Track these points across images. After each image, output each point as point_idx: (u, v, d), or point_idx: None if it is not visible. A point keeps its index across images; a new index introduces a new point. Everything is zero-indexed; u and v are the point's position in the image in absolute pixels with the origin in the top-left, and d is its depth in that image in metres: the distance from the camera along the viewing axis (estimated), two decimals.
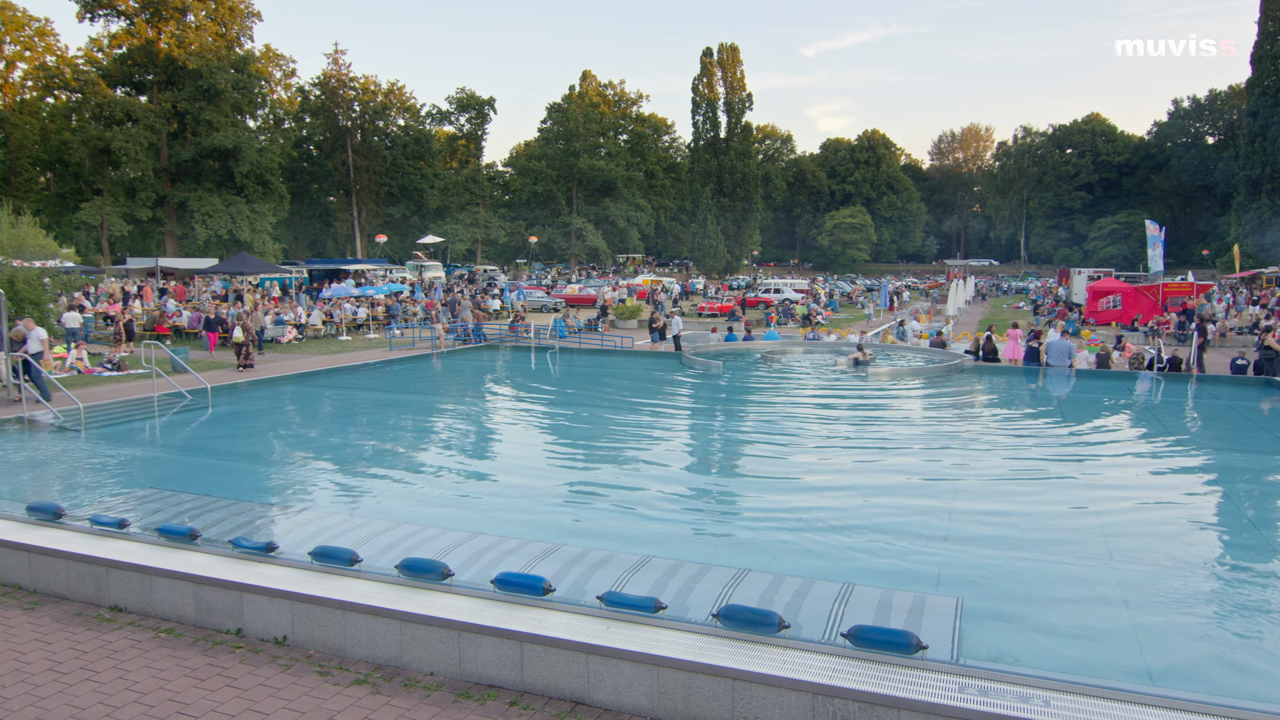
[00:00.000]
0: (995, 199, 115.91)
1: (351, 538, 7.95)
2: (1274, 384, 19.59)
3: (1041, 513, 10.16)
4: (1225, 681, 5.93)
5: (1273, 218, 61.82)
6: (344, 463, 12.55)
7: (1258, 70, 65.06)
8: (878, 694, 5.07)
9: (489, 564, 7.13)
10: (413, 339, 29.28)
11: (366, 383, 20.93)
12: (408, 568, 6.71)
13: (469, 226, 79.27)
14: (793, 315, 44.20)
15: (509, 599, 6.34)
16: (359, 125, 76.27)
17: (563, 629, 5.91)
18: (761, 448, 14.29)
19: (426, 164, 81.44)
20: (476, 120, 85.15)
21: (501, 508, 10.20)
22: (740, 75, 76.33)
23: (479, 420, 17.01)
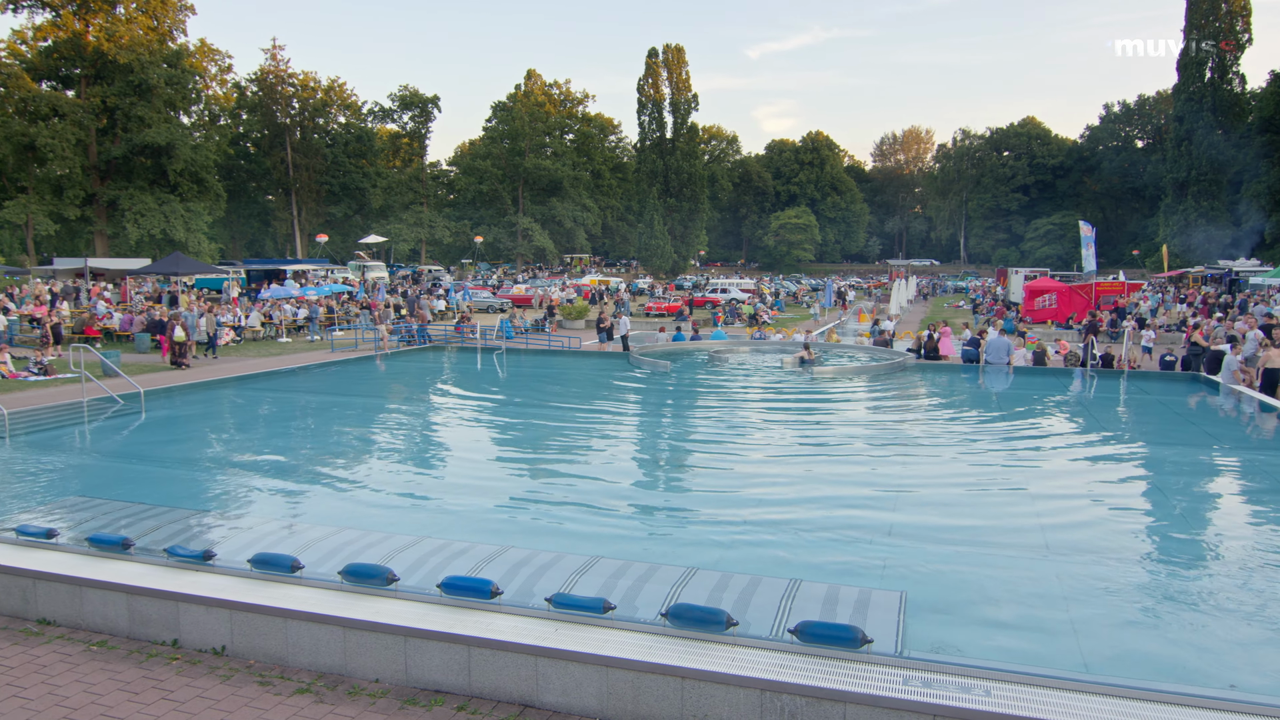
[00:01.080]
0: (936, 200, 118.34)
1: (293, 544, 7.78)
2: (1200, 379, 20.34)
3: (982, 507, 10.40)
4: (1157, 667, 6.13)
5: (1198, 219, 64.26)
6: (285, 468, 12.27)
7: (1183, 76, 67.55)
8: (824, 688, 5.13)
9: (435, 568, 7.04)
10: (355, 340, 28.78)
11: (308, 385, 20.51)
12: (351, 573, 6.59)
13: (413, 226, 78.26)
14: (739, 315, 44.55)
15: (456, 603, 6.26)
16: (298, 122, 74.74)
17: (511, 632, 5.86)
18: (709, 447, 14.37)
19: (369, 162, 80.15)
20: (420, 118, 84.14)
21: (448, 511, 10.08)
22: (686, 76, 76.66)
23: (424, 422, 16.79)
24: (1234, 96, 66.63)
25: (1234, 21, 65.40)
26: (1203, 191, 65.65)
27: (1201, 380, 20.22)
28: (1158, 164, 73.53)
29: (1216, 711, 4.88)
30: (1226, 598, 7.41)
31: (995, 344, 22.84)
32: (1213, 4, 65.31)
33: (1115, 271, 61.42)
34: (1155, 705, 4.93)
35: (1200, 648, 6.47)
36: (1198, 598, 7.48)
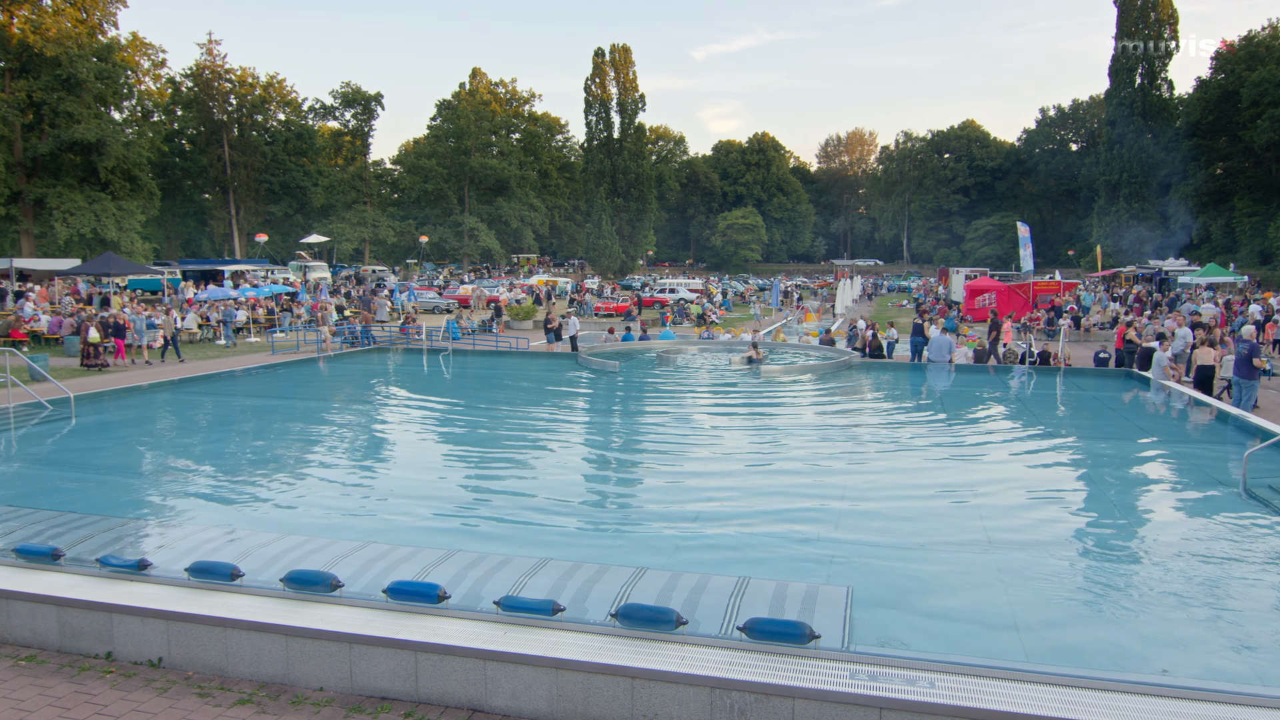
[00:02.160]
0: (879, 201, 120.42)
1: (232, 551, 7.58)
2: (1133, 375, 21.01)
3: (926, 502, 10.58)
4: (1094, 654, 6.30)
5: (1129, 220, 66.40)
6: (224, 473, 11.96)
7: (1115, 82, 69.78)
8: (773, 684, 5.17)
9: (381, 573, 6.92)
10: (297, 342, 28.20)
11: (247, 389, 20.03)
12: (294, 580, 6.45)
13: (356, 225, 77.00)
14: (688, 315, 44.75)
15: (402, 608, 6.17)
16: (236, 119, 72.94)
17: (459, 636, 5.79)
18: (658, 446, 14.39)
19: (310, 160, 78.59)
20: (363, 116, 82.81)
21: (394, 515, 9.92)
22: (633, 76, 76.73)
23: (369, 426, 16.50)
24: (1162, 101, 69.04)
25: (1162, 29, 67.75)
26: (1133, 193, 67.87)
27: (1134, 376, 20.90)
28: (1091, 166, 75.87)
29: (1150, 696, 5.04)
30: (1159, 586, 7.65)
31: (938, 342, 23.35)
32: (1142, 11, 67.56)
33: (1051, 271, 63.17)
34: (1092, 692, 5.07)
35: (1135, 635, 6.67)
36: (1131, 587, 7.72)
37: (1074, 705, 4.91)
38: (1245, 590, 7.53)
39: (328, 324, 29.95)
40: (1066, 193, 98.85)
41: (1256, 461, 11.06)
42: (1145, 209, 67.61)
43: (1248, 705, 4.92)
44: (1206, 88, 70.31)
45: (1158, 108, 68.52)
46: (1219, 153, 70.30)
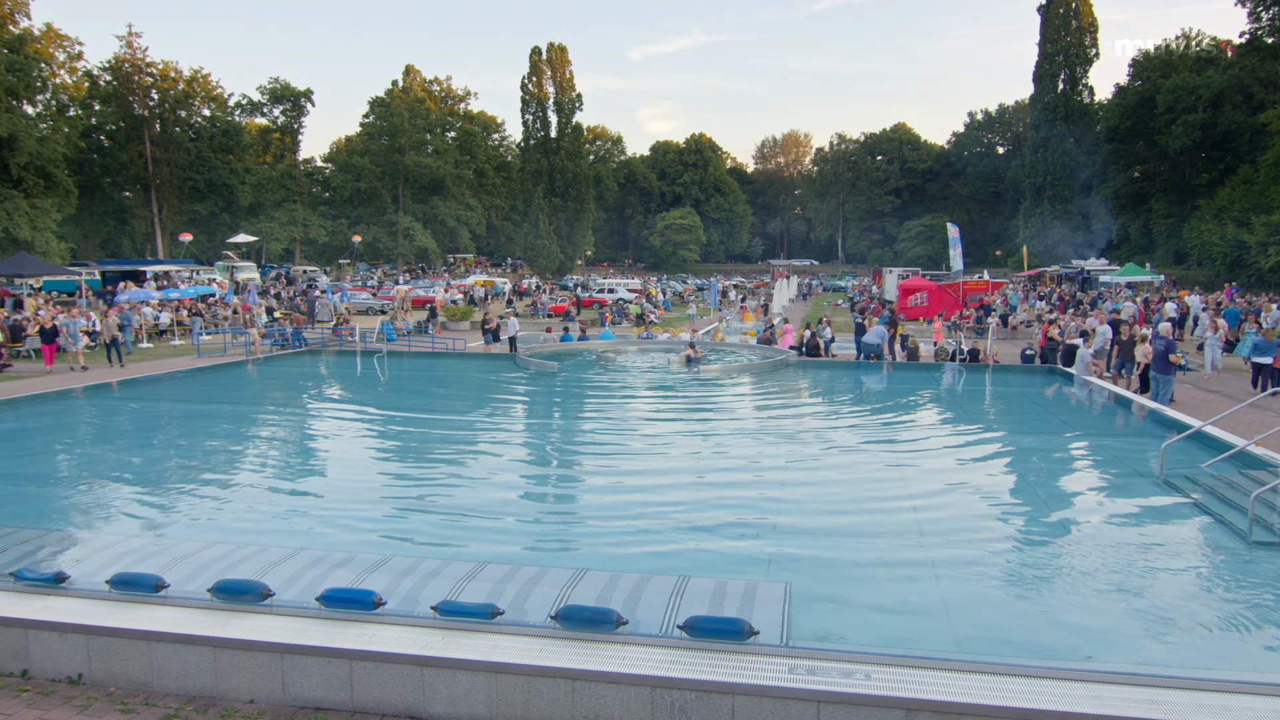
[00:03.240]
0: (815, 202, 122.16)
1: (157, 562, 7.31)
2: (1057, 371, 21.74)
3: (861, 498, 10.78)
4: (1022, 643, 6.49)
5: (1053, 221, 68.66)
6: (148, 481, 11.55)
7: (1039, 87, 72.10)
8: (713, 681, 5.20)
9: (314, 580, 6.75)
10: (224, 345, 27.40)
11: (171, 393, 19.38)
12: (222, 590, 6.25)
13: (285, 225, 75.09)
14: (626, 315, 44.79)
15: (336, 616, 6.04)
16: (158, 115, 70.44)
17: (395, 643, 5.69)
18: (598, 446, 14.37)
19: (236, 158, 76.38)
20: (292, 113, 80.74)
21: (327, 521, 9.69)
22: (569, 75, 76.44)
23: (301, 430, 16.11)
24: (1083, 107, 71.59)
25: (1083, 37, 70.23)
26: (1057, 195, 70.23)
27: (1058, 372, 21.62)
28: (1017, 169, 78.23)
29: (1075, 682, 5.21)
30: (1083, 575, 7.91)
31: (875, 332, 24.37)
32: (1064, 20, 69.93)
33: (980, 271, 64.93)
34: (1020, 679, 5.22)
35: (1061, 622, 6.89)
36: (1058, 576, 7.97)
37: (1003, 693, 5.04)
38: (1163, 577, 7.84)
39: (256, 326, 29.15)
40: (994, 194, 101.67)
41: (1173, 453, 11.52)
42: (1068, 210, 70.01)
43: (1168, 687, 5.11)
44: (1125, 94, 73.11)
45: (1079, 113, 71.03)
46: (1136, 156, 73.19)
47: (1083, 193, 70.83)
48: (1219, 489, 10.21)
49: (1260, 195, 51.55)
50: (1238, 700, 4.97)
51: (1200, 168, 66.29)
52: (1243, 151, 61.17)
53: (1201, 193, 63.19)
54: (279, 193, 79.51)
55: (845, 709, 5.06)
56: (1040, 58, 71.62)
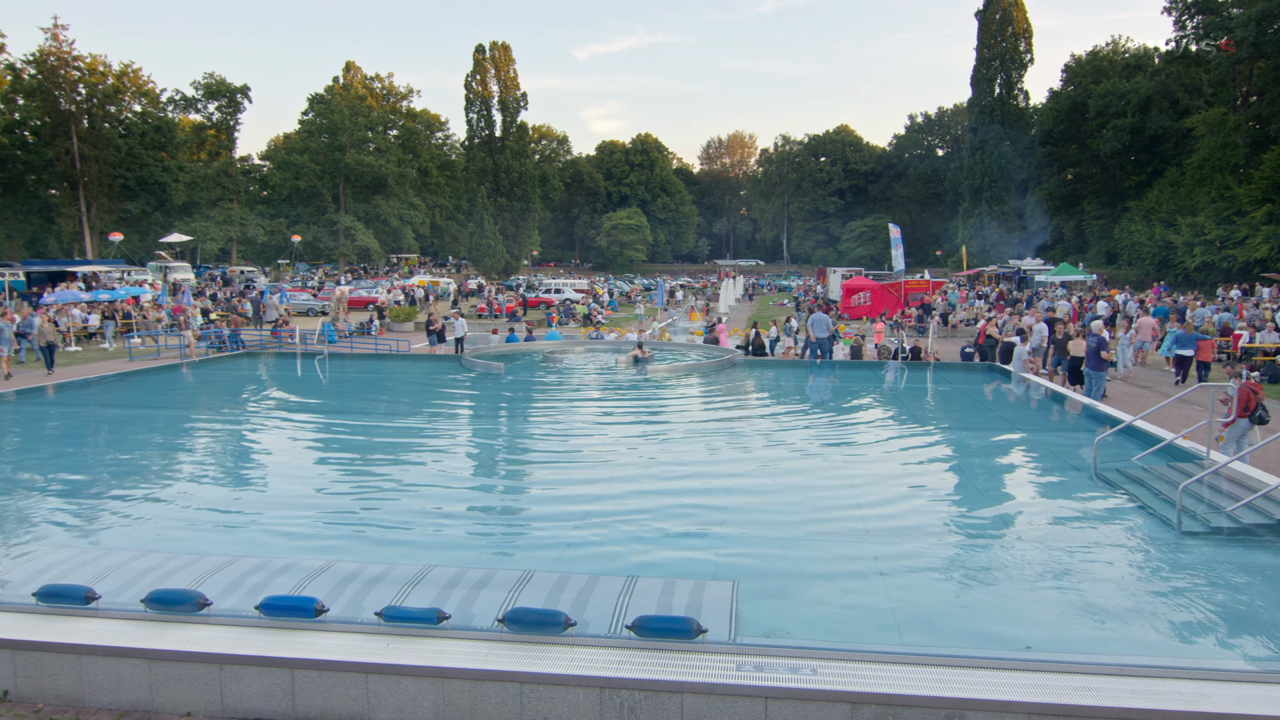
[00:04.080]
0: (760, 202, 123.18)
1: (87, 573, 7.05)
2: (995, 369, 22.27)
3: (807, 495, 10.90)
4: (963, 634, 6.63)
5: (991, 222, 70.32)
6: (77, 489, 11.14)
7: (976, 91, 73.80)
8: (661, 680, 5.20)
9: (253, 588, 6.59)
10: (157, 348, 26.60)
11: (101, 398, 18.74)
12: (156, 600, 6.06)
13: (221, 224, 73.10)
14: (574, 315, 44.67)
15: (277, 624, 5.90)
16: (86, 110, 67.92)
17: (338, 650, 5.58)
18: (545, 448, 14.30)
19: (169, 155, 74.01)
20: (228, 109, 78.62)
21: (267, 528, 9.46)
22: (514, 74, 75.87)
23: (239, 434, 15.70)
24: (1019, 110, 73.47)
25: (1018, 42, 72.08)
26: (994, 197, 71.94)
27: (996, 370, 22.16)
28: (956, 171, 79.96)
29: (1014, 672, 5.33)
30: (1021, 567, 8.12)
31: (817, 320, 24.87)
32: (1000, 26, 71.70)
33: (921, 270, 66.23)
34: (961, 670, 5.32)
35: (1001, 613, 7.05)
36: (997, 569, 8.16)
37: (945, 684, 5.14)
38: (1097, 567, 8.08)
39: (191, 328, 28.35)
40: (934, 195, 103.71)
41: (1105, 447, 11.89)
42: (1005, 211, 71.76)
43: (1102, 674, 5.26)
44: (1058, 98, 75.27)
45: (1015, 116, 72.87)
46: (1069, 159, 75.41)
47: (1019, 194, 72.69)
48: (1149, 481, 10.56)
49: (1186, 197, 53.51)
50: (1166, 685, 5.14)
51: (1130, 170, 68.56)
52: (1169, 155, 63.46)
53: (1131, 195, 65.36)
54: (215, 191, 77.39)
55: (792, 704, 5.11)
56: (977, 62, 73.36)
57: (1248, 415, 11.90)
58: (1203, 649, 6.48)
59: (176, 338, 27.06)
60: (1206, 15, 53.13)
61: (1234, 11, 49.30)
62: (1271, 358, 22.60)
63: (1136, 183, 66.32)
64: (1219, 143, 52.87)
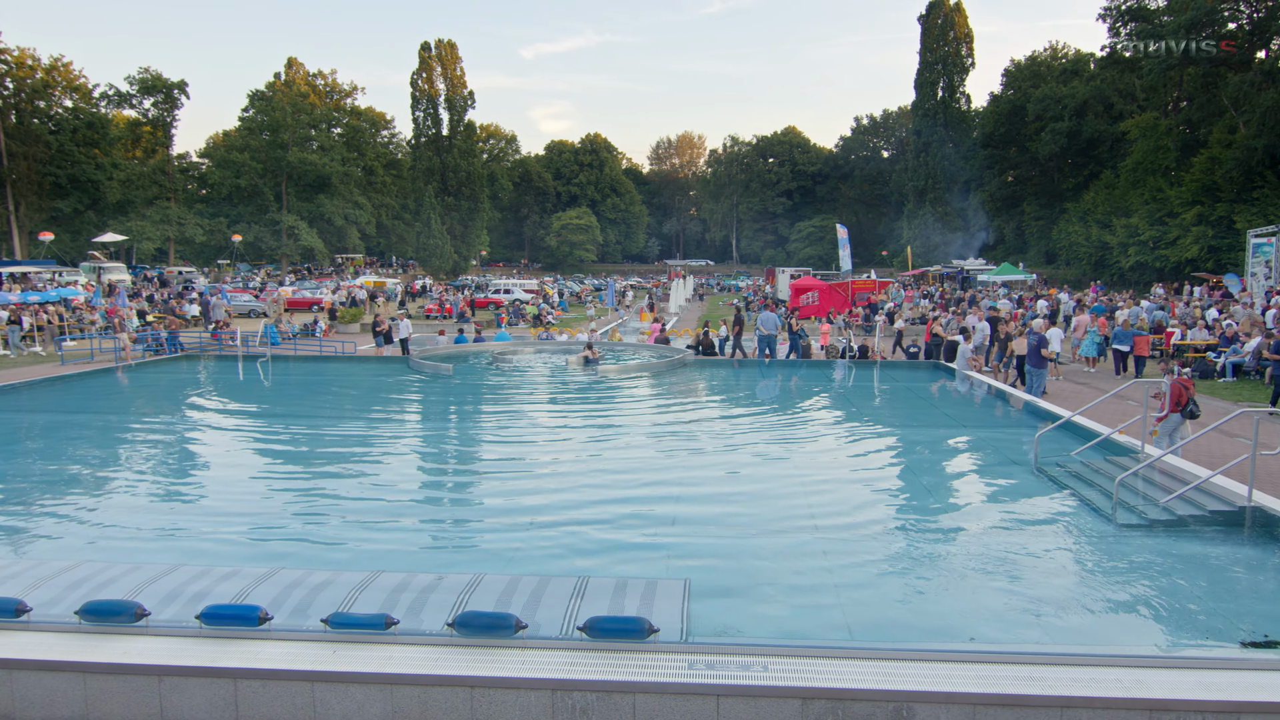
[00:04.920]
0: (709, 203, 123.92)
1: (18, 584, 6.79)
2: (940, 367, 22.71)
3: (758, 493, 10.98)
4: (911, 628, 6.74)
5: (935, 223, 71.72)
6: (6, 498, 10.72)
7: (920, 94, 75.24)
8: (613, 681, 5.19)
9: (194, 598, 6.40)
10: (90, 350, 25.76)
11: (32, 403, 18.09)
12: (92, 612, 5.86)
13: (158, 223, 71.04)
14: (523, 316, 44.41)
15: (219, 633, 5.74)
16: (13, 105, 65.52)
17: (283, 659, 5.45)
18: (494, 450, 14.18)
19: (103, 152, 71.71)
20: (164, 105, 76.36)
21: (207, 536, 9.21)
22: (460, 72, 75.15)
23: (178, 440, 15.28)
24: (961, 113, 75.10)
25: (960, 47, 73.66)
26: (938, 198, 73.41)
27: (940, 368, 22.60)
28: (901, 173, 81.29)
29: (960, 663, 5.43)
30: (967, 561, 8.27)
31: (766, 318, 25.21)
32: (942, 30, 73.20)
33: (868, 270, 67.25)
34: (908, 663, 5.41)
35: (946, 606, 7.18)
36: (943, 562, 8.31)
37: (893, 677, 5.22)
38: (1038, 559, 8.28)
39: (127, 330, 27.52)
40: (880, 197, 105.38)
41: (1045, 443, 12.19)
42: (948, 213, 73.27)
43: (1044, 664, 5.39)
44: (998, 102, 77.00)
45: (957, 119, 74.46)
46: (1010, 162, 77.25)
47: (961, 195, 74.26)
48: (1087, 475, 10.86)
49: (1120, 199, 55.17)
50: (1106, 673, 5.28)
51: (1067, 173, 70.44)
52: (1105, 158, 65.35)
53: (1069, 196, 67.17)
54: (151, 189, 75.13)
55: (744, 701, 5.14)
56: (921, 66, 74.79)
57: (1180, 410, 12.30)
58: (1140, 636, 6.67)
59: (111, 340, 26.24)
60: (1139, 23, 54.82)
61: (1164, 19, 50.93)
62: (1202, 354, 23.42)
63: (1074, 185, 68.17)
64: (1151, 146, 54.61)
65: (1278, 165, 45.25)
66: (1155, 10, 54.32)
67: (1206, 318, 27.64)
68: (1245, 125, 47.10)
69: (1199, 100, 53.30)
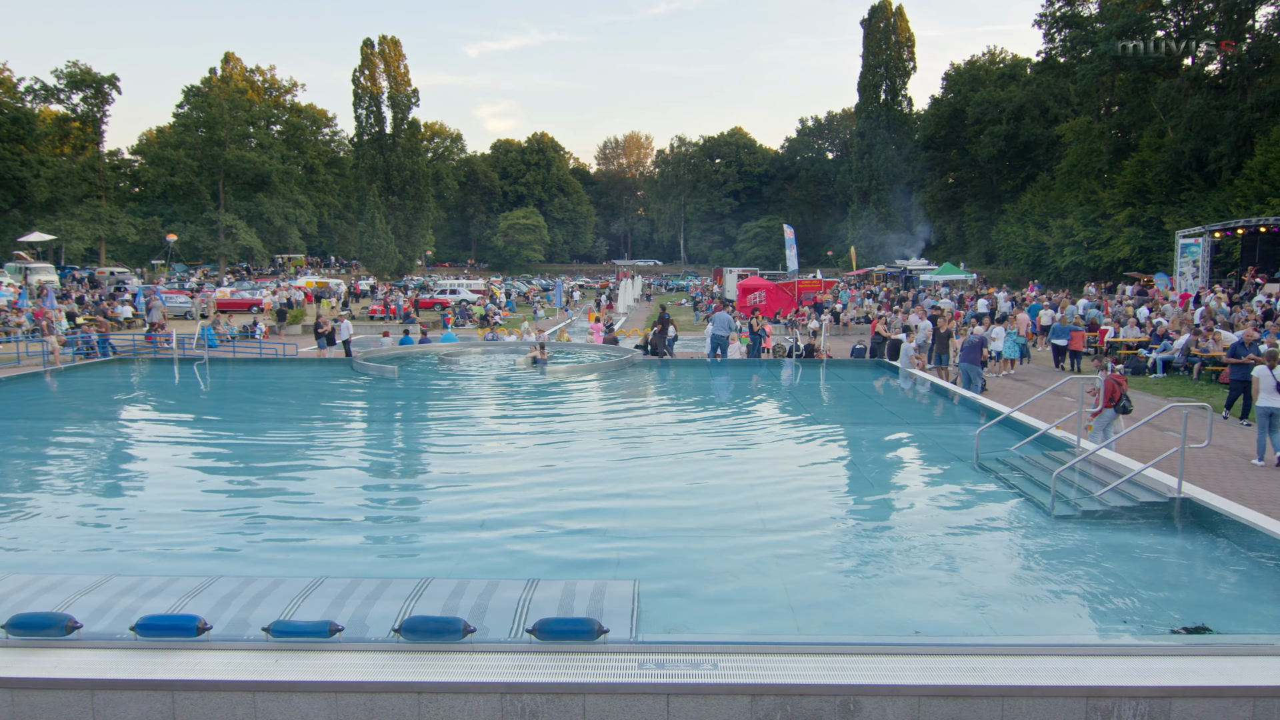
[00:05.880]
0: (657, 203, 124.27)
1: None
2: (884, 365, 23.10)
3: (706, 492, 11.02)
4: (857, 622, 6.83)
5: (878, 223, 72.97)
6: None
7: (863, 97, 76.55)
8: (563, 683, 5.16)
9: (128, 609, 6.20)
10: (17, 354, 24.81)
11: None
12: (18, 625, 5.63)
13: (88, 222, 68.72)
14: (470, 316, 44.00)
15: (155, 644, 5.56)
16: None
17: (223, 669, 5.31)
18: (441, 452, 14.02)
19: (29, 149, 69.13)
20: (95, 100, 73.85)
21: (144, 544, 8.92)
22: (404, 70, 74.17)
23: (110, 446, 14.79)
24: (903, 116, 76.56)
25: (901, 51, 75.06)
26: (881, 199, 74.76)
27: (885, 366, 22.99)
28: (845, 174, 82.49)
29: (905, 656, 5.52)
30: (911, 555, 8.42)
31: (719, 319, 25.49)
32: (884, 34, 74.52)
33: (814, 270, 68.12)
34: (855, 657, 5.47)
35: (892, 600, 7.30)
36: (889, 557, 8.44)
37: (840, 671, 5.28)
38: (980, 552, 8.47)
39: (55, 333, 26.55)
40: (825, 197, 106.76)
41: (986, 438, 12.48)
42: (891, 214, 74.62)
43: (986, 655, 5.50)
44: (939, 105, 78.74)
45: (899, 121, 75.91)
46: (951, 163, 79.06)
47: (904, 196, 75.71)
48: (1026, 469, 11.14)
49: (1056, 201, 56.79)
50: (1043, 663, 5.41)
51: (1005, 175, 72.30)
52: (1041, 160, 67.24)
53: (1007, 198, 68.94)
54: (80, 187, 72.63)
55: (694, 699, 5.15)
56: (864, 69, 76.07)
57: (1113, 405, 12.70)
58: (1077, 625, 6.86)
59: (39, 344, 25.29)
60: (1073, 29, 56.48)
61: (1098, 26, 52.54)
62: (1134, 351, 24.21)
63: (1012, 187, 69.99)
64: (1085, 149, 56.33)
65: (1204, 168, 47.03)
66: (1088, 18, 56.02)
67: (1138, 316, 28.57)
68: (1173, 130, 48.89)
69: (1130, 105, 55.14)
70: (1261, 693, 5.15)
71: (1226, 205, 42.88)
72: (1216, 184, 45.72)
